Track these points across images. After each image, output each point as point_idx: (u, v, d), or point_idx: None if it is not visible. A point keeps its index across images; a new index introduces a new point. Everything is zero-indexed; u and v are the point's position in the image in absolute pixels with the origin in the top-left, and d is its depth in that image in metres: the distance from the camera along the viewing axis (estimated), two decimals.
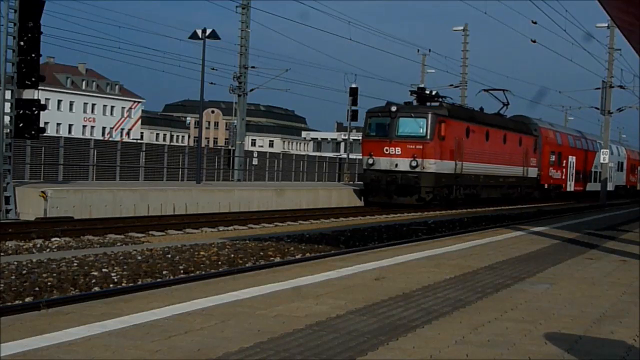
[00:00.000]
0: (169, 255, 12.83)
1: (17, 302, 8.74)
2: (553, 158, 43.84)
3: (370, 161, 29.39)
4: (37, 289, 9.50)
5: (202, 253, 13.38)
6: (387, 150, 28.96)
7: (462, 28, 49.64)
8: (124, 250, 13.19)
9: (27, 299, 8.95)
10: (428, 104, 31.68)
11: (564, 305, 6.53)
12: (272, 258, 13.51)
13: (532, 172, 40.50)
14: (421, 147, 28.57)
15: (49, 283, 9.87)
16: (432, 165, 28.75)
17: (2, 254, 12.29)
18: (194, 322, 5.28)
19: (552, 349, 4.85)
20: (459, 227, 22.26)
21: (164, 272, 11.35)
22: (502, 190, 36.83)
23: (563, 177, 45.85)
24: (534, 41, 37.93)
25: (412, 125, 28.99)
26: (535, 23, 33.95)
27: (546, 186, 43.01)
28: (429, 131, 28.82)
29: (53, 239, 14.49)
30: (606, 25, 41.65)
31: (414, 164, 28.45)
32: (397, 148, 28.82)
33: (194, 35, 30.03)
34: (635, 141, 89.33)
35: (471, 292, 7.07)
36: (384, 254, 10.16)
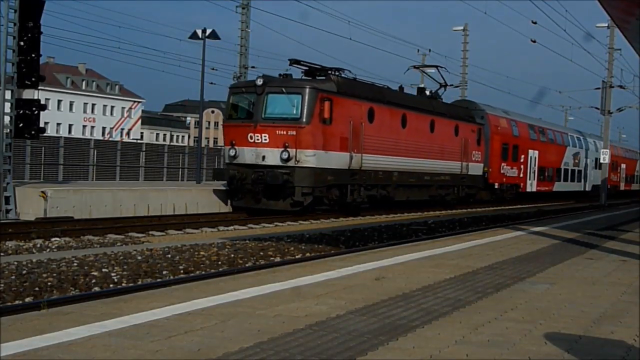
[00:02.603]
0: (169, 255, 12.83)
1: (17, 302, 8.75)
2: (506, 152, 36.58)
3: (232, 152, 22.23)
4: (37, 289, 9.51)
5: (202, 253, 13.38)
6: (251, 137, 21.82)
7: (462, 28, 49.63)
8: (124, 250, 13.19)
9: (27, 299, 8.96)
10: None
11: (564, 305, 6.53)
12: (272, 258, 13.51)
13: (476, 169, 33.18)
14: (294, 132, 21.40)
15: (49, 283, 9.87)
16: (310, 158, 21.51)
17: (2, 254, 12.30)
18: (194, 322, 5.28)
19: (552, 349, 4.85)
20: (459, 227, 22.26)
21: (164, 272, 11.35)
22: (431, 191, 29.65)
23: (521, 174, 38.52)
24: (534, 41, 37.96)
25: (284, 104, 21.85)
26: (535, 23, 33.97)
27: (497, 186, 35.70)
28: (305, 111, 21.49)
29: (53, 239, 14.50)
30: (606, 25, 41.69)
31: (285, 155, 21.27)
32: (264, 135, 21.64)
33: (194, 35, 30.04)
34: (635, 141, 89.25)
35: (471, 292, 7.07)
36: (384, 254, 10.16)
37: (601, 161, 42.76)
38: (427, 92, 33.37)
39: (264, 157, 21.70)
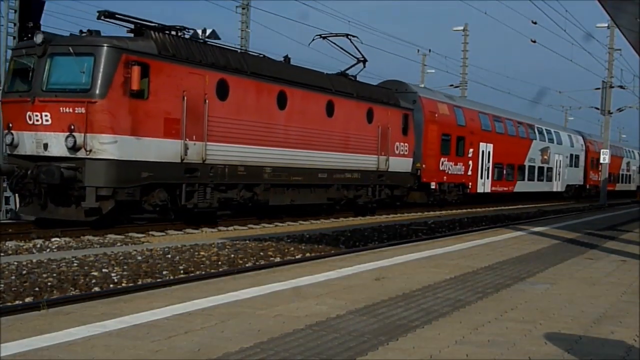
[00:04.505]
0: (169, 255, 12.84)
1: (17, 302, 8.75)
2: (448, 144, 30.32)
3: (9, 139, 15.75)
4: (37, 289, 9.51)
5: (202, 253, 13.39)
6: (30, 118, 15.41)
7: (462, 28, 49.65)
8: (124, 250, 13.20)
9: (27, 299, 8.96)
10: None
11: (564, 305, 6.53)
12: (272, 258, 13.52)
13: (401, 164, 26.49)
14: (83, 110, 15.02)
15: (49, 283, 9.87)
16: (108, 146, 15.14)
17: (2, 254, 12.30)
18: (194, 322, 5.28)
19: (552, 349, 4.85)
20: (459, 227, 22.28)
21: (164, 272, 11.36)
22: (330, 193, 22.99)
23: (469, 172, 32.18)
24: (534, 41, 38.00)
25: (71, 70, 15.39)
26: (535, 23, 33.99)
27: (434, 185, 29.31)
28: (98, 80, 15.11)
29: (53, 239, 14.49)
30: (606, 25, 41.80)
31: (70, 142, 14.97)
32: (45, 114, 15.27)
33: (194, 35, 30.01)
34: (635, 141, 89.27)
35: (471, 292, 7.07)
36: (384, 254, 10.17)
37: (601, 161, 42.78)
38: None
39: (46, 146, 15.32)
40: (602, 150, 42.51)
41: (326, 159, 22.21)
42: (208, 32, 31.05)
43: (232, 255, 13.38)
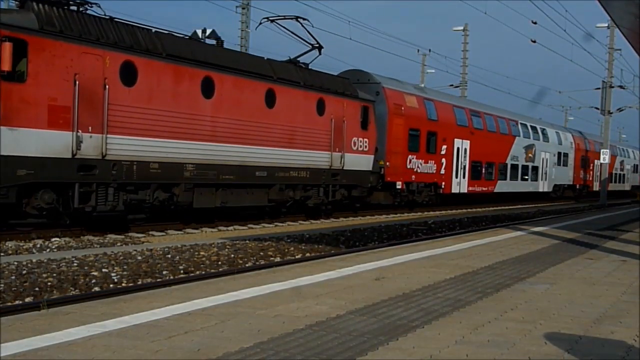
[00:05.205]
0: (169, 255, 12.84)
1: (17, 302, 8.75)
2: (417, 140, 27.60)
3: None
4: (37, 289, 9.52)
5: (202, 253, 13.39)
6: None
7: (462, 28, 49.67)
8: (124, 250, 13.20)
9: (27, 299, 8.96)
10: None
11: (564, 305, 6.53)
12: (272, 258, 13.52)
13: (360, 162, 23.84)
14: None
15: (49, 283, 9.88)
16: None
17: (2, 254, 12.30)
18: (194, 322, 5.28)
19: (552, 349, 4.85)
20: (459, 227, 22.28)
21: (164, 272, 11.36)
22: (272, 194, 20.31)
23: (442, 171, 29.59)
24: (534, 41, 38.04)
25: None
26: (535, 23, 34.03)
27: (400, 185, 26.55)
28: None
29: (53, 239, 14.49)
30: (606, 25, 41.84)
31: None
32: None
33: (194, 35, 30.03)
34: (635, 141, 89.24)
35: (471, 292, 7.07)
36: (384, 254, 10.17)
37: (601, 161, 42.73)
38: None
39: None
40: (602, 150, 42.43)
41: (265, 155, 19.54)
42: (208, 32, 31.01)
43: (232, 255, 13.39)
